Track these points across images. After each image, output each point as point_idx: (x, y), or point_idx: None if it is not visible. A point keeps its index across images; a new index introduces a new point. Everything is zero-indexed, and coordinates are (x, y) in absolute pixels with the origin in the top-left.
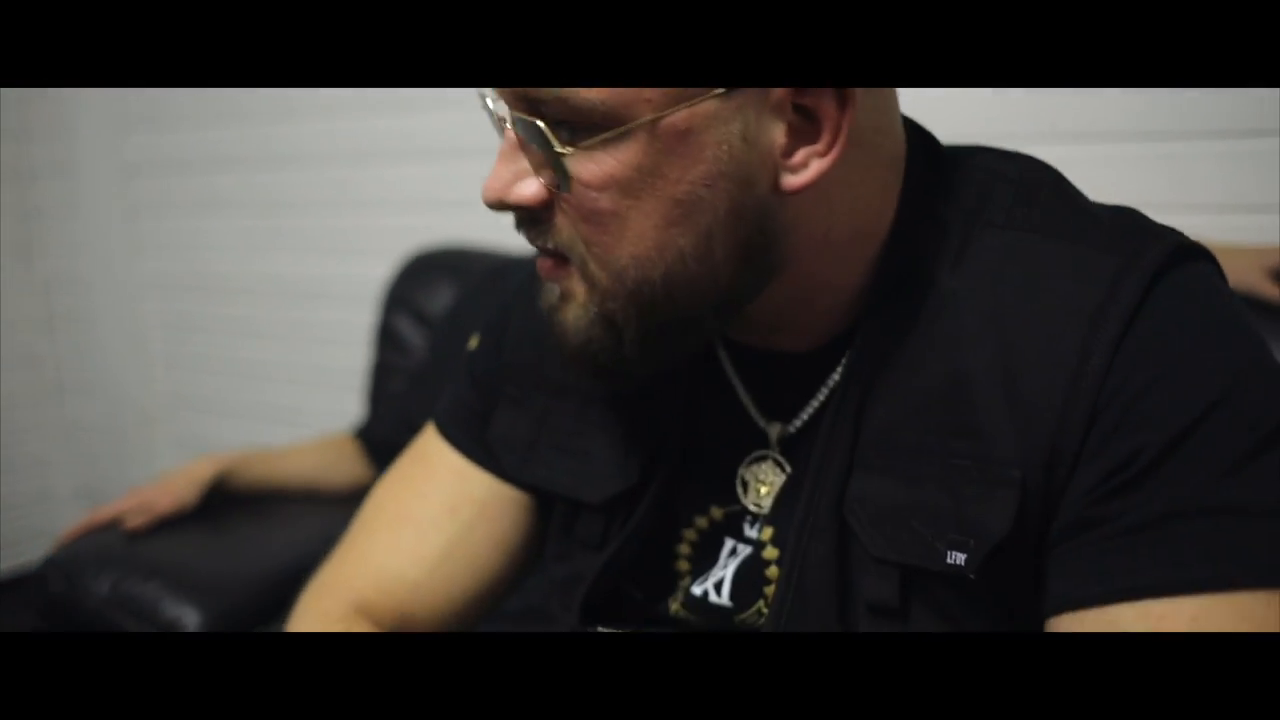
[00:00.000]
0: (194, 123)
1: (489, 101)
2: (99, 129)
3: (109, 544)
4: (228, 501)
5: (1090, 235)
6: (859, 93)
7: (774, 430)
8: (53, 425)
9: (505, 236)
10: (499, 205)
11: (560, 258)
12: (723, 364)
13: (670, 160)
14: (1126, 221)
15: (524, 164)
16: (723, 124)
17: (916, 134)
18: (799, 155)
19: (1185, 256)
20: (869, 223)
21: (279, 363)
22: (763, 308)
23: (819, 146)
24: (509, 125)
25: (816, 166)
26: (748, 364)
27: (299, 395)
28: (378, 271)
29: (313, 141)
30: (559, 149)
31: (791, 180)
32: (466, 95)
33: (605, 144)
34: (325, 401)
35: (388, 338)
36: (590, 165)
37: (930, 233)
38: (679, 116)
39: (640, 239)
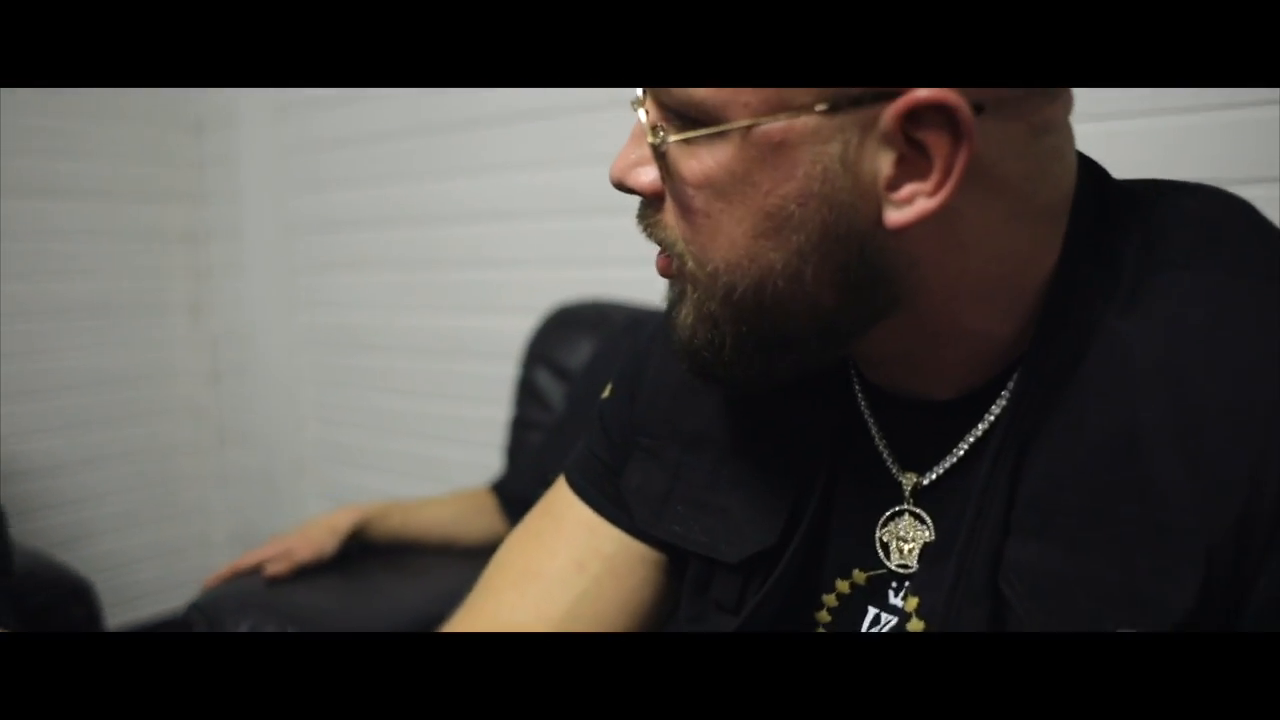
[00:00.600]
0: (349, 184)
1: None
2: (263, 192)
3: (250, 589)
4: (365, 551)
5: None
6: (985, 135)
7: (908, 481)
8: (213, 474)
9: (646, 292)
10: (619, 185)
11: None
12: (861, 409)
13: (763, 170)
14: None
15: (646, 150)
16: (820, 143)
17: (1089, 172)
18: (905, 190)
19: None
20: (1020, 269)
21: (424, 416)
22: (891, 346)
23: (927, 185)
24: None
25: (921, 205)
26: (885, 409)
27: (443, 449)
28: (522, 326)
29: (460, 199)
30: (652, 140)
31: (894, 216)
32: (609, 150)
33: (705, 142)
34: (469, 455)
35: (528, 392)
36: (691, 162)
37: (1098, 276)
38: (774, 127)
39: (732, 245)
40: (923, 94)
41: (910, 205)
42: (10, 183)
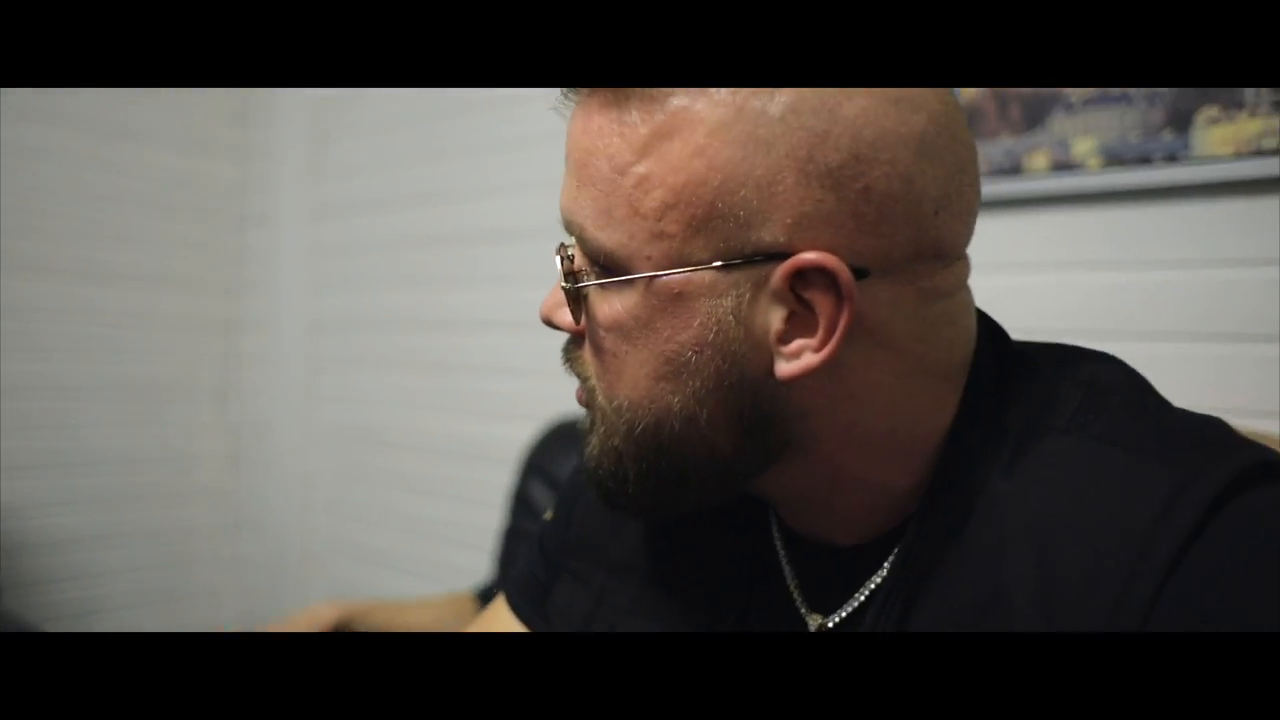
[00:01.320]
0: (377, 286)
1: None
2: (296, 289)
3: None
4: None
5: (1154, 445)
6: (874, 297)
7: (814, 622)
8: (225, 559)
9: None
10: (547, 322)
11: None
12: (777, 548)
13: (663, 318)
14: (1204, 434)
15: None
16: (715, 296)
17: (990, 337)
18: (794, 344)
19: (1266, 476)
20: (914, 425)
21: (433, 518)
22: (790, 489)
23: (814, 341)
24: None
25: (808, 360)
26: (797, 550)
27: (449, 551)
28: (527, 435)
29: (479, 308)
30: (564, 284)
31: (784, 368)
32: None
33: (616, 289)
34: (475, 560)
35: (522, 502)
36: (604, 305)
37: (988, 435)
38: (674, 279)
39: (635, 385)
40: (807, 257)
41: (798, 359)
42: (58, 266)
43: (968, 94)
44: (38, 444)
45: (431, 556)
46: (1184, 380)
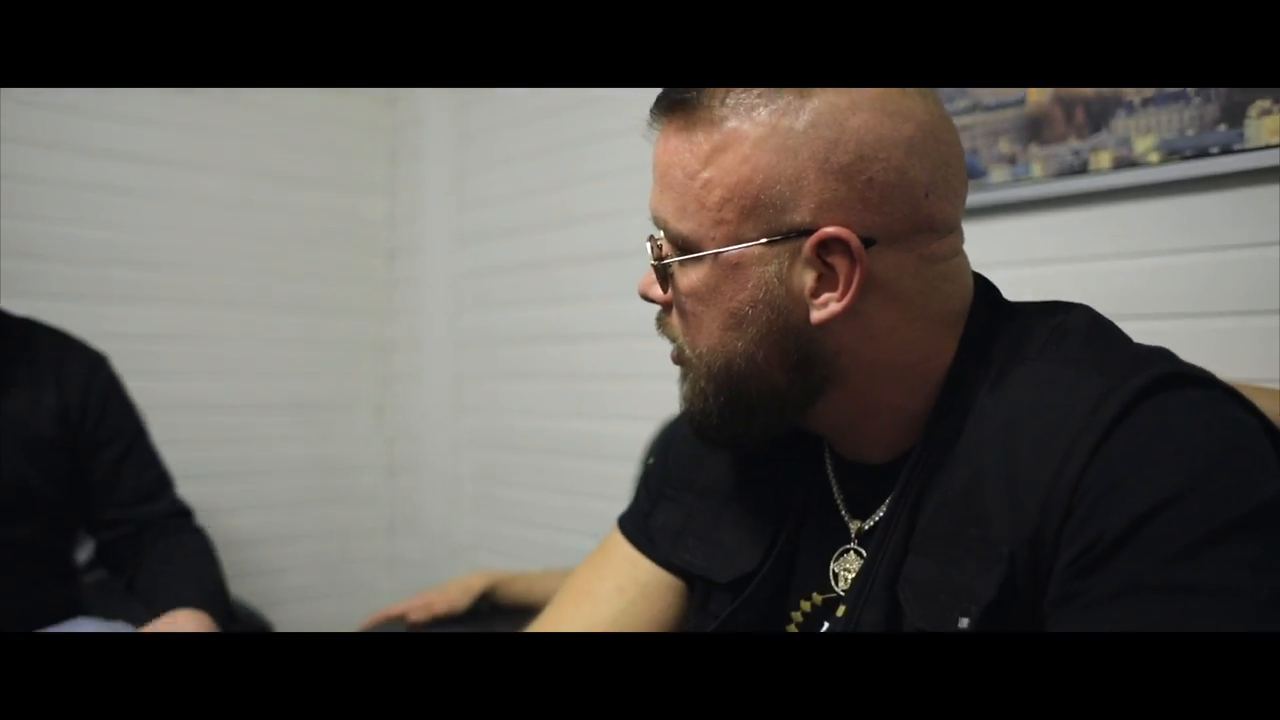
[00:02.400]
0: (510, 305)
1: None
2: (440, 310)
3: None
4: (493, 610)
5: (1097, 364)
6: (883, 260)
7: (855, 526)
8: (382, 557)
9: None
10: (644, 296)
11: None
12: (828, 470)
13: (726, 283)
14: (1142, 356)
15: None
16: (763, 264)
17: (985, 292)
18: (823, 297)
19: (1174, 383)
20: (923, 360)
21: (567, 510)
22: (835, 419)
23: (837, 294)
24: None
25: (833, 308)
26: (843, 470)
27: (583, 541)
28: (643, 433)
29: (601, 320)
30: (654, 262)
31: (816, 315)
32: None
33: (692, 264)
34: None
35: None
36: (684, 278)
37: (979, 366)
38: (732, 254)
39: (710, 336)
40: (828, 231)
41: (826, 308)
42: (239, 299)
43: (1035, 102)
44: (225, 454)
45: (567, 547)
46: (1264, 353)
